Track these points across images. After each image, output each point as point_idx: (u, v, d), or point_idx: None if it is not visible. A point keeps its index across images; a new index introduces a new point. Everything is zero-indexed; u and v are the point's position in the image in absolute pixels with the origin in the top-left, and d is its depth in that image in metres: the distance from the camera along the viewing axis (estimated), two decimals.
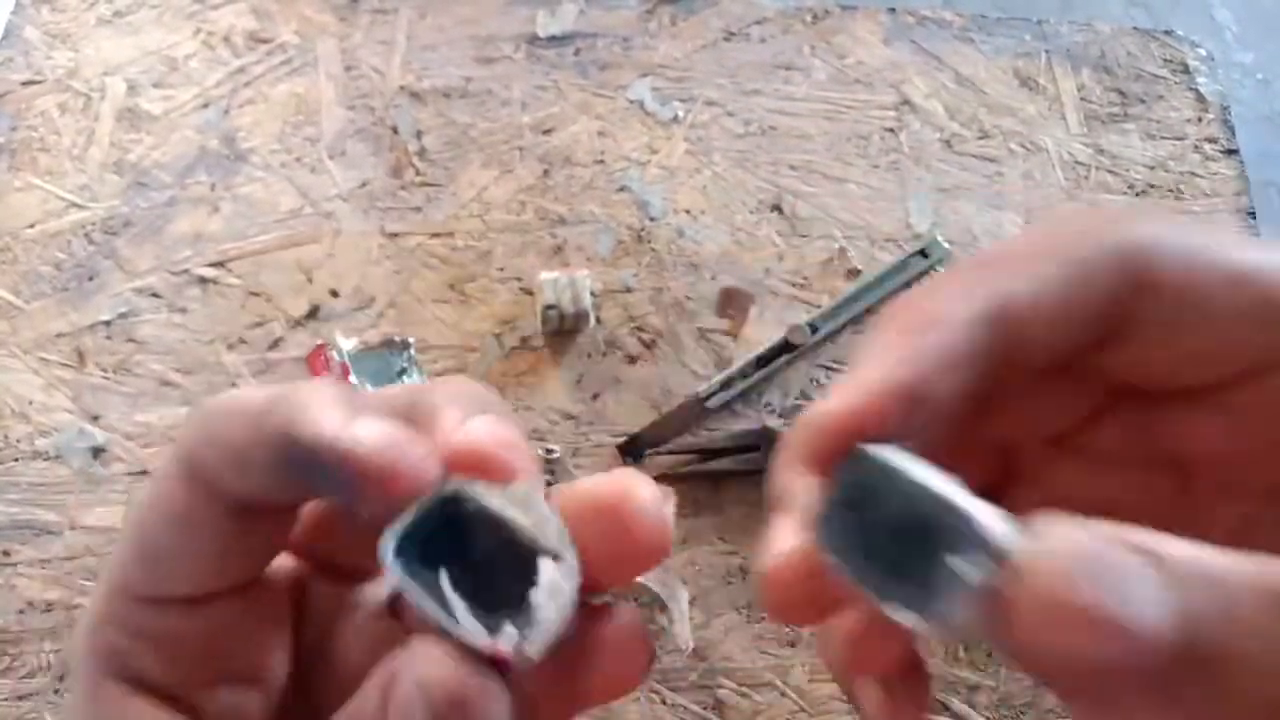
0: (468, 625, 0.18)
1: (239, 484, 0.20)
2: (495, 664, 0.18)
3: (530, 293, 0.59)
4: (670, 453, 0.56)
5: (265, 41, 0.65)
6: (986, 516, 0.17)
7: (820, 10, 0.69)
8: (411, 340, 0.56)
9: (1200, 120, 0.68)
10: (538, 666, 0.18)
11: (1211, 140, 0.67)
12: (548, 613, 0.18)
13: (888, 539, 0.18)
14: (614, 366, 0.58)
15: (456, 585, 0.18)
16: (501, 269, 0.60)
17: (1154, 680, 0.16)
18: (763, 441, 0.55)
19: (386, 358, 0.56)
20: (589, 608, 0.19)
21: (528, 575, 0.18)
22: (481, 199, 0.62)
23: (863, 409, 0.19)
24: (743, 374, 0.57)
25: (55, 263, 0.58)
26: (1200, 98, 0.68)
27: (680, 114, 0.65)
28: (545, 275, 0.57)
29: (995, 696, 0.51)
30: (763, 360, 0.58)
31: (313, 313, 0.58)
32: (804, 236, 0.62)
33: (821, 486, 0.19)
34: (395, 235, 0.60)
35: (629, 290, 0.60)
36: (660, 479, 0.55)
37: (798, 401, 0.57)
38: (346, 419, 0.18)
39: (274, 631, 0.22)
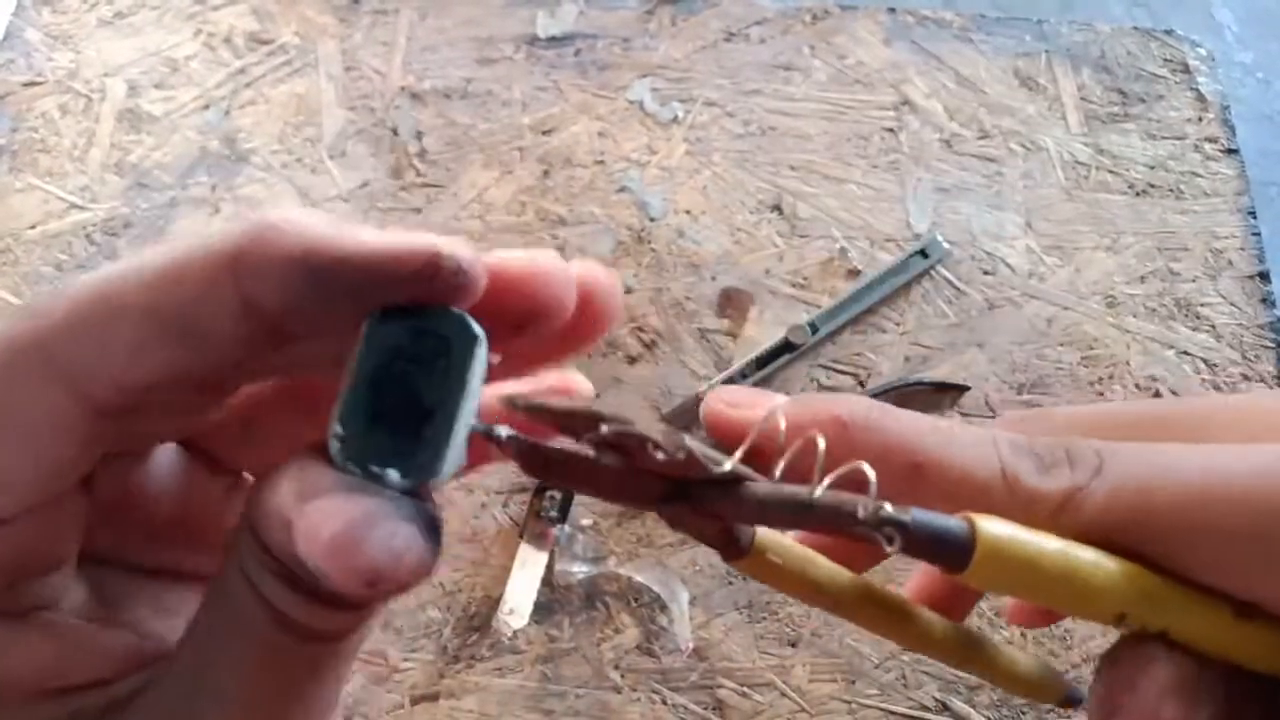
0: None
1: (160, 361, 0.18)
2: None
3: None
4: None
5: (266, 42, 0.66)
6: None
7: (820, 10, 0.69)
8: None
9: (1200, 120, 0.67)
10: None
11: (1212, 140, 0.67)
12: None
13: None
14: (614, 366, 0.58)
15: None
16: None
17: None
18: None
19: None
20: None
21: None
22: (482, 200, 0.62)
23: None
24: (743, 374, 0.57)
25: (56, 264, 0.58)
26: (1200, 97, 0.68)
27: (680, 114, 0.65)
28: None
29: (995, 696, 0.51)
30: (763, 360, 0.58)
31: None
32: (804, 236, 0.62)
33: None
34: None
35: (629, 290, 0.60)
36: None
37: None
38: (340, 228, 0.18)
39: (77, 519, 0.20)
